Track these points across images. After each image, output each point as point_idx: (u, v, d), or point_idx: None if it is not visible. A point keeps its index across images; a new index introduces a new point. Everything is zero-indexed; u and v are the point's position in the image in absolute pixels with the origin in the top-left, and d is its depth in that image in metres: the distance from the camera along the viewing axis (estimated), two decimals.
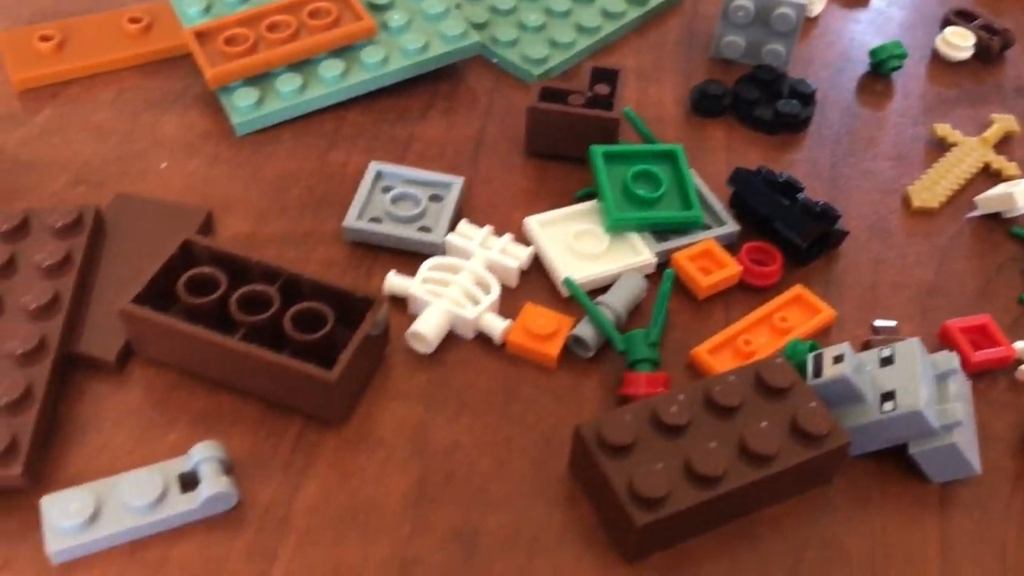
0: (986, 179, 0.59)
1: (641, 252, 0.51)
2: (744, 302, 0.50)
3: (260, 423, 0.44)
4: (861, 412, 0.43)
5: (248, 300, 0.45)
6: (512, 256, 0.50)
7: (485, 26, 0.64)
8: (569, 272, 0.49)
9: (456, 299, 0.48)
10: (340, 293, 0.45)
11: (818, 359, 0.44)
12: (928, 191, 0.57)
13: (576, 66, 0.64)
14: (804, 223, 0.51)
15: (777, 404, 0.42)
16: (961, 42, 0.67)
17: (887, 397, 0.43)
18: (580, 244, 0.51)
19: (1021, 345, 0.49)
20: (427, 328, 0.46)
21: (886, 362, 0.44)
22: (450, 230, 0.51)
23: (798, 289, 0.50)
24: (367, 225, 0.51)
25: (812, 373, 0.44)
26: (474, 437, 0.44)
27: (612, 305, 0.48)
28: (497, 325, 0.47)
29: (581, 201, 0.54)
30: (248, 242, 0.51)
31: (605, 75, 0.57)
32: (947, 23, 0.69)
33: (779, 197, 0.52)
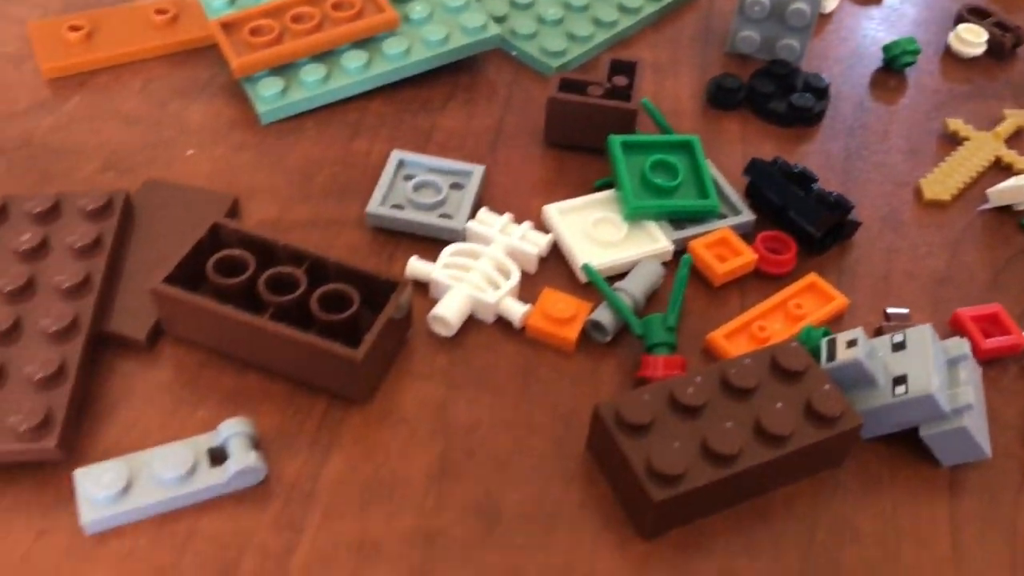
0: (997, 173, 0.60)
1: (658, 240, 0.52)
2: (759, 289, 0.51)
3: (287, 401, 0.45)
4: (873, 396, 0.44)
5: (276, 281, 0.46)
6: (532, 243, 0.51)
7: (504, 19, 0.65)
8: (587, 259, 0.50)
9: (477, 284, 0.49)
10: (365, 276, 0.46)
11: (832, 344, 0.45)
12: (940, 184, 0.58)
13: (593, 59, 0.65)
14: (818, 213, 0.52)
15: (792, 387, 0.43)
16: (974, 38, 0.67)
17: (899, 381, 0.44)
18: (598, 232, 0.52)
19: None
20: (448, 311, 0.47)
21: (898, 347, 0.45)
22: (470, 217, 0.52)
23: (812, 277, 0.51)
24: (390, 211, 0.52)
25: (826, 357, 0.45)
26: (494, 416, 0.45)
27: (630, 291, 0.49)
28: (517, 309, 0.48)
29: (599, 190, 0.55)
30: (273, 227, 0.52)
31: (623, 67, 0.58)
32: (960, 20, 0.70)
33: (794, 188, 0.53)
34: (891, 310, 0.50)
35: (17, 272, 0.47)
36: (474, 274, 0.49)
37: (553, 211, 0.53)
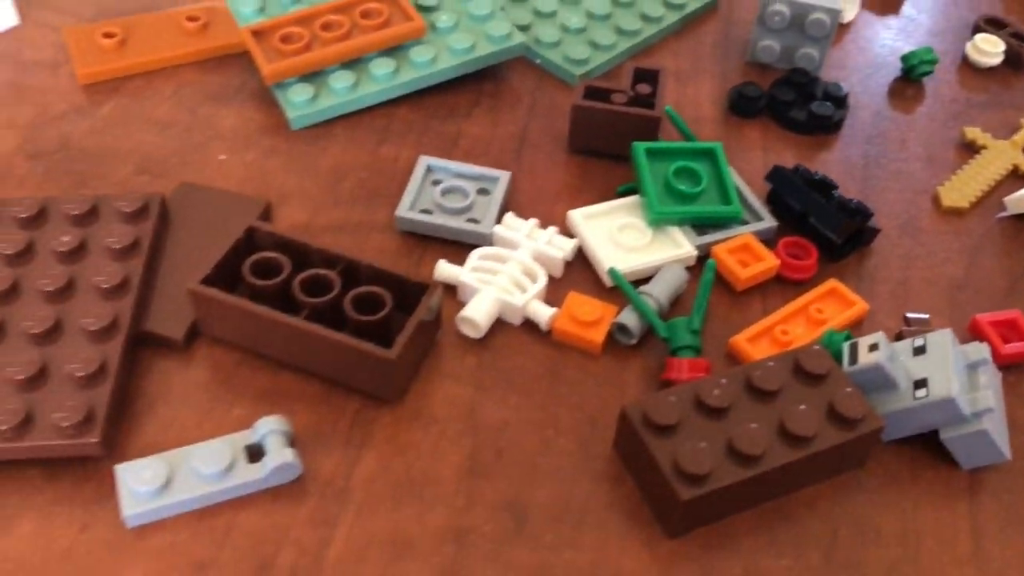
0: (1015, 181, 0.61)
1: (682, 245, 0.53)
2: (781, 294, 0.52)
3: (320, 400, 0.46)
4: (894, 399, 0.45)
5: (310, 283, 0.47)
6: (557, 247, 0.52)
7: (528, 28, 0.66)
8: (612, 263, 0.51)
9: (504, 287, 0.50)
10: (396, 278, 0.47)
11: (854, 347, 0.46)
12: (958, 191, 0.59)
13: (616, 67, 0.66)
14: (839, 220, 0.53)
15: (815, 389, 0.44)
16: (991, 48, 0.68)
17: (920, 384, 0.45)
18: (623, 237, 0.53)
19: None
20: (477, 313, 0.48)
21: (919, 351, 0.46)
22: (497, 222, 0.54)
23: (832, 283, 0.52)
24: (418, 216, 0.53)
25: (848, 361, 0.46)
26: (522, 416, 0.46)
27: (655, 295, 0.50)
28: (544, 312, 0.49)
29: (623, 196, 0.56)
30: (304, 231, 0.54)
31: (647, 75, 0.59)
32: (977, 30, 0.71)
33: (815, 195, 0.54)
34: (911, 315, 0.51)
35: (58, 273, 0.48)
36: (501, 277, 0.50)
37: (578, 216, 0.54)
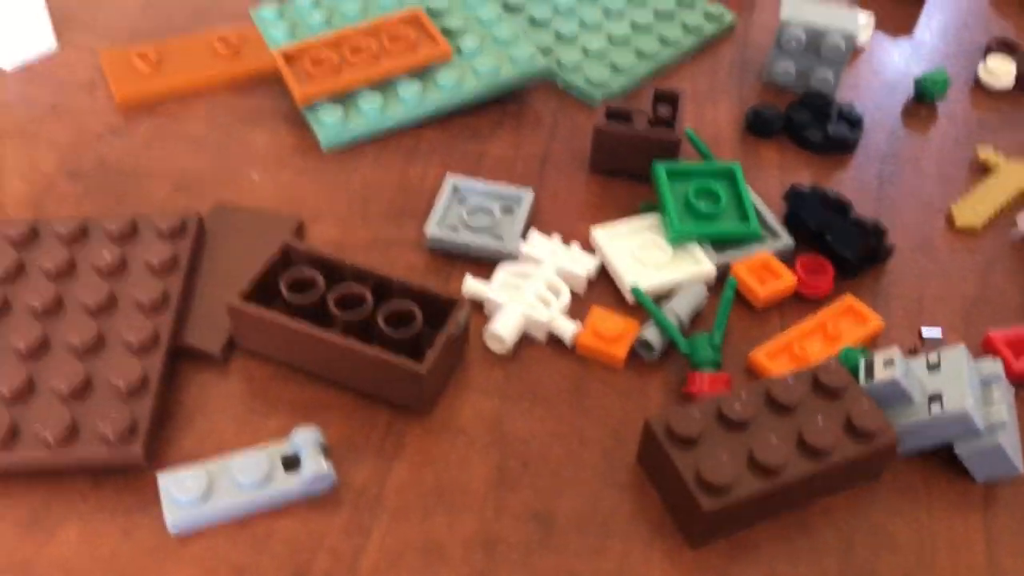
0: None
1: (702, 262, 0.54)
2: (798, 311, 0.54)
3: (353, 412, 0.48)
4: (910, 413, 0.46)
5: (343, 299, 0.49)
6: (581, 264, 0.54)
7: (550, 51, 0.68)
8: (634, 280, 0.53)
9: (530, 302, 0.52)
10: (426, 294, 0.49)
11: (870, 363, 0.47)
12: (971, 211, 0.60)
13: (635, 89, 0.68)
14: (855, 239, 0.54)
15: (832, 403, 0.46)
16: (1003, 71, 0.70)
17: (935, 399, 0.46)
18: (644, 254, 0.55)
19: None
20: (504, 329, 0.50)
21: (933, 367, 0.48)
22: (522, 239, 0.55)
23: (848, 300, 0.54)
24: (446, 233, 0.55)
25: (864, 376, 0.47)
26: (547, 428, 0.48)
27: (676, 311, 0.51)
28: (568, 327, 0.51)
29: (644, 213, 0.58)
30: (336, 248, 0.55)
31: (667, 97, 0.61)
32: (989, 52, 0.72)
33: (831, 214, 0.55)
34: (925, 331, 0.52)
35: (99, 289, 0.50)
36: (527, 293, 0.52)
37: (601, 234, 0.56)
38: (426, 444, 0.47)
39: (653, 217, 0.57)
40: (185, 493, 0.43)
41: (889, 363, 0.47)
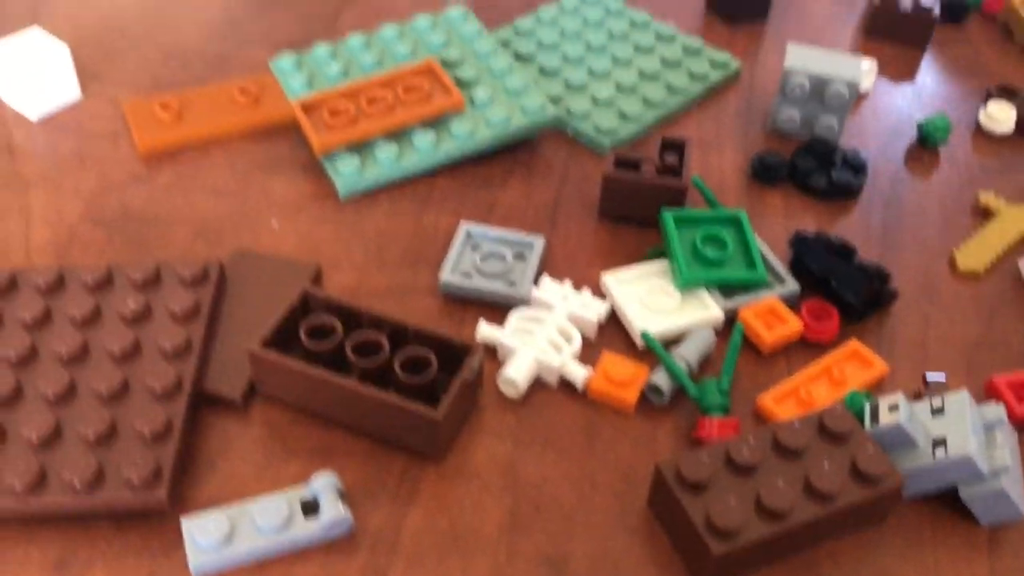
0: None
1: (710, 308, 0.55)
2: (804, 355, 0.55)
3: (369, 457, 0.49)
4: (914, 457, 0.47)
5: (360, 345, 0.50)
6: (591, 309, 0.55)
7: (560, 100, 0.70)
8: (644, 325, 0.54)
9: (542, 347, 0.53)
10: (441, 340, 0.50)
11: (875, 408, 0.48)
12: (974, 255, 0.62)
13: (643, 136, 0.69)
14: (859, 284, 0.55)
15: (838, 448, 0.47)
16: (1003, 116, 0.71)
17: (939, 444, 0.47)
18: (653, 299, 0.56)
19: None
20: (518, 374, 0.51)
21: (937, 412, 0.49)
22: (533, 284, 0.57)
23: (854, 344, 0.55)
24: (460, 279, 0.56)
25: (869, 420, 0.48)
26: (560, 473, 0.49)
27: (685, 356, 0.52)
28: (579, 372, 0.52)
29: (652, 259, 0.59)
30: (353, 294, 0.57)
31: (673, 145, 0.62)
32: (989, 97, 0.74)
33: (836, 259, 0.57)
34: (929, 376, 0.54)
35: (124, 336, 0.51)
36: (539, 338, 0.53)
37: (611, 280, 0.57)
38: (441, 489, 0.48)
39: (661, 263, 0.58)
40: (207, 537, 0.44)
41: (894, 408, 0.48)
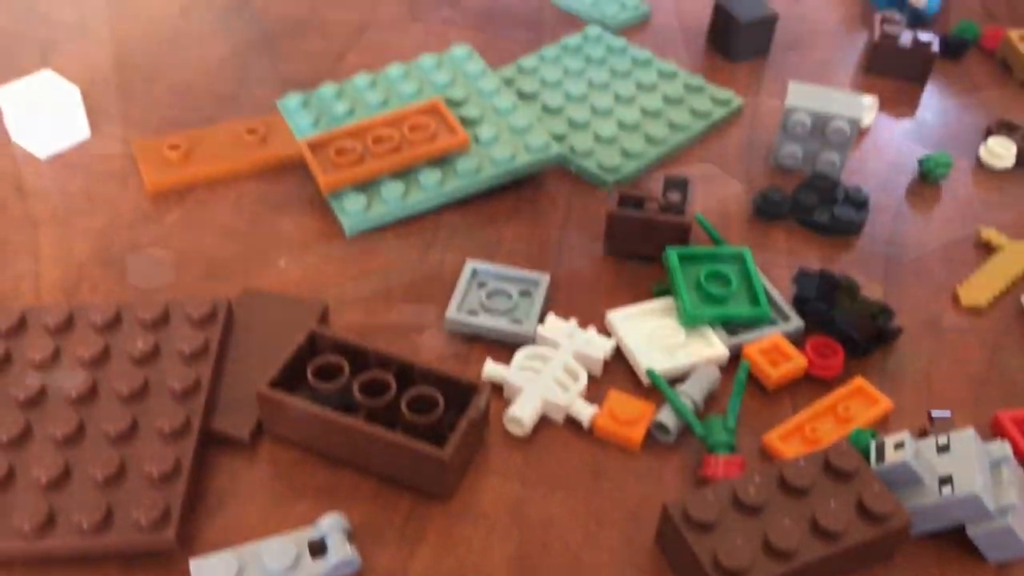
0: None
1: (715, 345, 0.56)
2: (809, 392, 0.55)
3: (376, 496, 0.49)
4: (921, 495, 0.47)
5: (367, 385, 0.50)
6: (597, 347, 0.56)
7: (564, 137, 0.70)
8: (650, 363, 0.54)
9: (548, 386, 0.53)
10: (447, 379, 0.51)
11: (881, 446, 0.49)
12: (976, 290, 0.62)
13: (646, 173, 0.70)
14: (862, 320, 0.56)
15: (844, 486, 0.47)
16: (1004, 151, 0.72)
17: (945, 481, 0.47)
18: (658, 337, 0.56)
19: None
20: (524, 413, 0.51)
21: (943, 449, 0.49)
22: (539, 322, 0.57)
23: (858, 381, 0.55)
24: (466, 317, 0.57)
25: (875, 458, 0.48)
26: (567, 512, 0.49)
27: (690, 394, 0.53)
28: (586, 411, 0.52)
29: (657, 296, 0.59)
30: (360, 332, 0.57)
31: (676, 183, 0.63)
32: (990, 133, 0.74)
33: (839, 296, 0.57)
34: (934, 413, 0.54)
35: (133, 376, 0.52)
36: (545, 376, 0.54)
37: (616, 318, 0.57)
38: (447, 528, 0.48)
39: (666, 300, 0.58)
40: None
41: (899, 446, 0.48)
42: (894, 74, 0.81)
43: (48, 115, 0.67)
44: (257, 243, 0.63)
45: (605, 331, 0.58)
